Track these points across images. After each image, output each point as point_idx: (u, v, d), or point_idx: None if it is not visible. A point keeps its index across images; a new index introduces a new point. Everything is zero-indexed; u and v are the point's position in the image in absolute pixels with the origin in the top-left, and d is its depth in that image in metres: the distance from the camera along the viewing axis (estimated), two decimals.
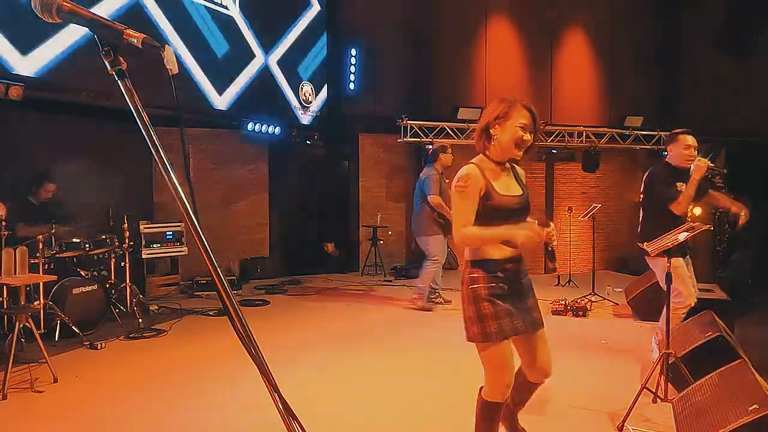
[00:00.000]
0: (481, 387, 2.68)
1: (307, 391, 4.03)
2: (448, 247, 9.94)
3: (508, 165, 2.67)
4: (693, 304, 4.44)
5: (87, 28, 1.20)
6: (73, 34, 5.23)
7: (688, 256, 4.56)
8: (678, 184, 4.35)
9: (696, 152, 4.40)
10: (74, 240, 5.65)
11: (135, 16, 5.96)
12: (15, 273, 4.66)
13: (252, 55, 7.79)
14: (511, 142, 2.54)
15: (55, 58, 5.20)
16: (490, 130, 2.58)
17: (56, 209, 5.91)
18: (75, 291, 5.33)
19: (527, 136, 2.55)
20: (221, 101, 7.23)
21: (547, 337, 2.73)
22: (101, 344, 5.10)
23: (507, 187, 2.60)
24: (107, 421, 3.65)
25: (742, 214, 4.38)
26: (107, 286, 5.92)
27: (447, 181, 6.39)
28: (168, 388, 4.21)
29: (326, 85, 9.27)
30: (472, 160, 2.62)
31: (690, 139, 4.44)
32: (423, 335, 5.74)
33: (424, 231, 6.58)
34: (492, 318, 2.48)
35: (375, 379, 4.46)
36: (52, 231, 5.41)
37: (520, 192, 2.65)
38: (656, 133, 10.36)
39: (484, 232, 2.50)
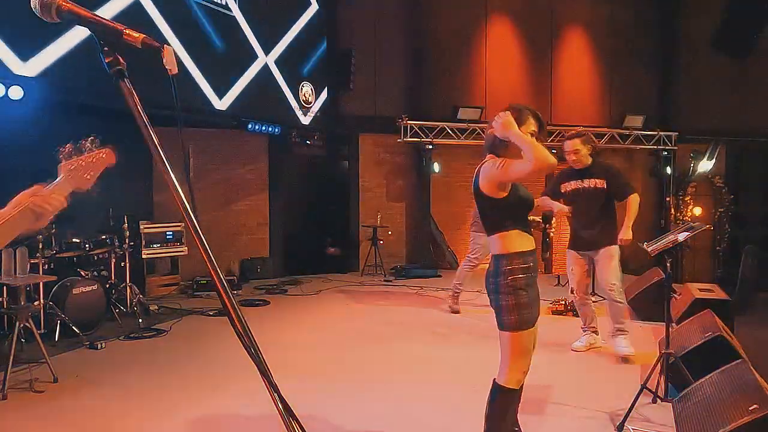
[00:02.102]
0: (494, 378, 2.75)
1: (306, 391, 4.03)
2: (448, 247, 9.99)
3: None
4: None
5: (87, 28, 1.20)
6: (73, 34, 5.23)
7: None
8: (563, 184, 4.82)
9: (574, 156, 4.66)
10: (74, 240, 5.65)
11: (134, 16, 5.96)
12: (15, 273, 4.66)
13: (252, 55, 7.79)
14: None
15: (56, 58, 5.19)
16: (504, 140, 2.73)
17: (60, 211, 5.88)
18: (75, 291, 5.33)
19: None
20: (221, 101, 7.23)
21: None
22: (101, 344, 5.10)
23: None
24: (107, 421, 3.65)
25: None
26: (107, 286, 5.92)
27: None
28: (168, 388, 4.21)
29: (326, 85, 9.27)
30: (491, 159, 2.75)
31: (565, 145, 4.74)
32: (423, 336, 5.74)
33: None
34: (527, 306, 2.65)
35: (375, 379, 4.46)
36: (53, 231, 5.40)
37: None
38: (656, 132, 10.37)
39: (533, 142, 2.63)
